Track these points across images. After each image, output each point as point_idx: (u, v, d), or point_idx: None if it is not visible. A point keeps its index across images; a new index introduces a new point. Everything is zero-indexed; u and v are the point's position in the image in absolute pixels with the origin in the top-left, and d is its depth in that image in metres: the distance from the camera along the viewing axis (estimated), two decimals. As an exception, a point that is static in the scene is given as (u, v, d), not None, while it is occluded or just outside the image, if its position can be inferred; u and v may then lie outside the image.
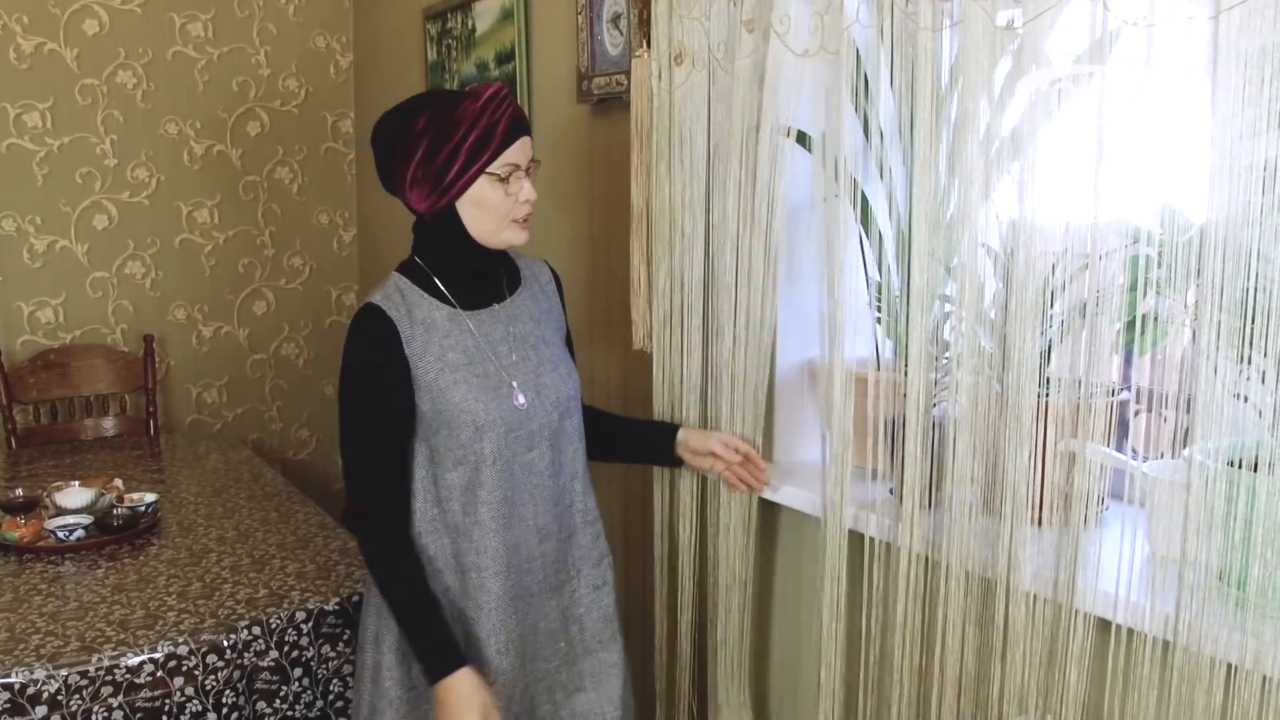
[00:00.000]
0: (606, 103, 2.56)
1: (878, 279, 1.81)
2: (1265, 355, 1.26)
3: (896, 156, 1.75)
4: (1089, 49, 1.42)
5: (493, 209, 1.74)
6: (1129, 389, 1.73)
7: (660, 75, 2.07)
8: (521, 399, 1.79)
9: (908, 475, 1.70)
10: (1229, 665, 1.32)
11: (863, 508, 1.79)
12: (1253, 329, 1.27)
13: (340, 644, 2.19)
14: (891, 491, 1.77)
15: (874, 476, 1.79)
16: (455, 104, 1.71)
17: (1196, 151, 1.31)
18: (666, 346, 2.14)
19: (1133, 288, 1.47)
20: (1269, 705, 1.29)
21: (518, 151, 1.75)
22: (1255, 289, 1.26)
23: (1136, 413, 1.90)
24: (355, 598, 2.21)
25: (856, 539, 1.82)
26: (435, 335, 1.75)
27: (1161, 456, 1.71)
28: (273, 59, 3.98)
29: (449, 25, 3.34)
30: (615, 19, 2.48)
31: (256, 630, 2.10)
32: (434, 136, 1.69)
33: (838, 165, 1.74)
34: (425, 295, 1.78)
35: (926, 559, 1.69)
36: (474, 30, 3.19)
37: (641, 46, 2.17)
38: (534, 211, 1.81)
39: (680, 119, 2.03)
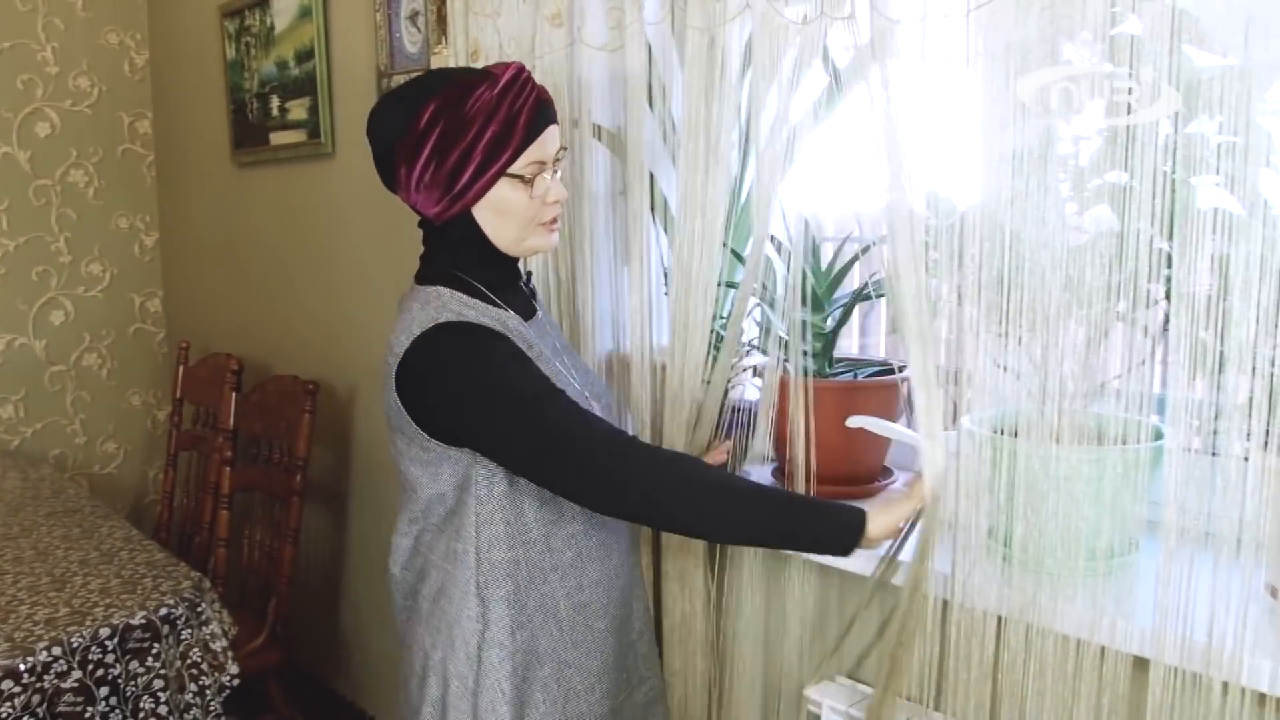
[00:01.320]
0: (407, 100, 2.54)
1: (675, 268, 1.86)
2: (1022, 327, 1.36)
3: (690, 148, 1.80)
4: (868, 44, 1.50)
5: (516, 214, 1.49)
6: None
7: (456, 73, 2.07)
8: (599, 412, 1.57)
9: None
10: (999, 618, 1.42)
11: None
12: (1010, 304, 1.36)
13: (149, 659, 2.12)
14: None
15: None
16: (467, 92, 1.43)
17: (967, 139, 1.40)
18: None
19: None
20: (1033, 653, 1.39)
21: (543, 145, 1.48)
22: (1011, 267, 1.35)
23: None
24: (163, 610, 2.15)
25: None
26: (522, 343, 1.50)
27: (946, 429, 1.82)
28: (61, 55, 3.80)
29: (247, 23, 3.27)
30: (413, 16, 2.47)
31: (57, 650, 2.02)
32: (443, 134, 1.42)
33: (631, 158, 1.79)
34: (489, 307, 1.51)
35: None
36: (273, 28, 3.13)
37: (439, 44, 2.18)
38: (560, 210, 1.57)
39: (478, 116, 2.03)
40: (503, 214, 1.49)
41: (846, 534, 1.40)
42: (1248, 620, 1.21)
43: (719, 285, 1.71)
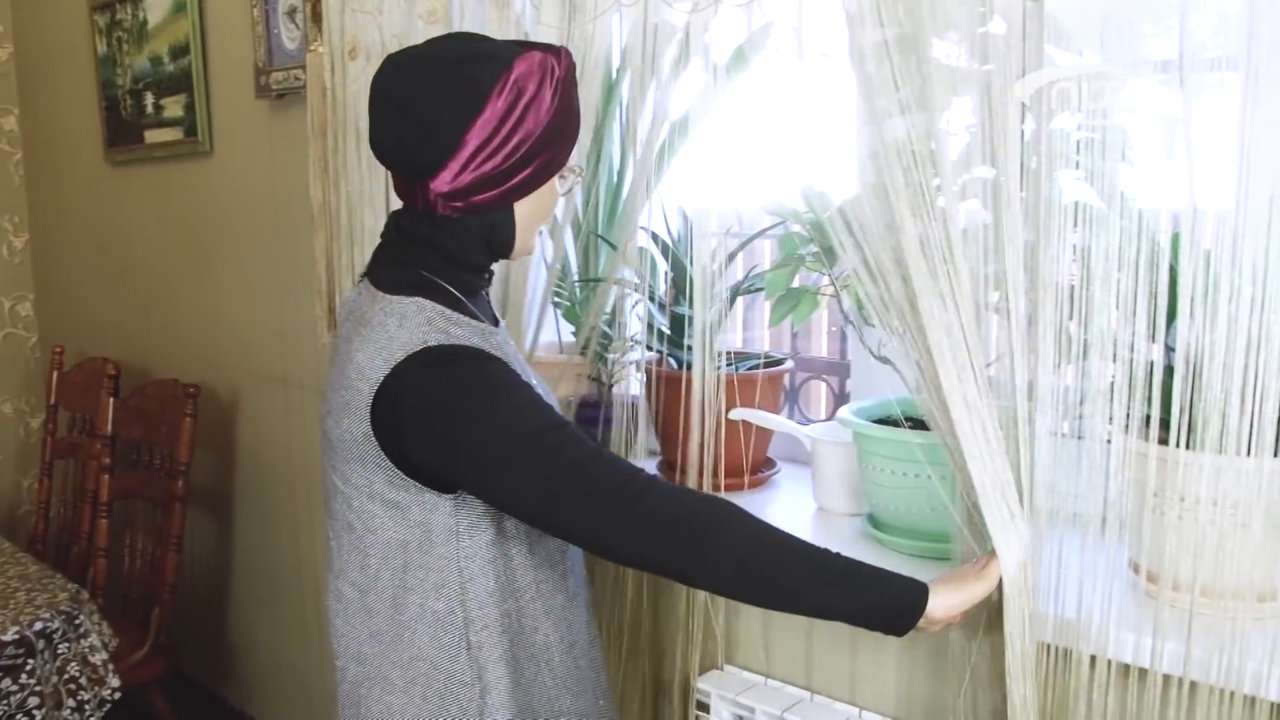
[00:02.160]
0: (286, 98, 2.50)
1: (557, 266, 1.87)
2: (898, 319, 1.39)
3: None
4: (746, 40, 1.52)
5: (547, 210, 1.35)
6: (792, 359, 1.86)
7: (334, 69, 2.05)
8: None
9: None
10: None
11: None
12: (890, 296, 1.39)
13: (23, 675, 2.05)
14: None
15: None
16: (545, 65, 1.24)
17: (842, 135, 1.43)
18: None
19: (785, 264, 1.58)
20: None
21: None
22: (886, 259, 1.39)
23: (804, 381, 2.05)
24: (37, 624, 2.08)
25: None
26: (513, 367, 1.32)
27: (828, 420, 1.86)
28: (-83, 51, 3.65)
29: (119, 17, 3.17)
30: (291, 12, 2.42)
31: (-76, 670, 1.95)
32: (526, 109, 1.22)
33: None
34: (471, 321, 1.30)
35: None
36: (145, 22, 3.04)
37: (316, 40, 2.14)
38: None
39: (355, 114, 2.01)
40: (539, 208, 1.33)
41: (901, 617, 1.24)
42: (1113, 596, 1.26)
43: (598, 281, 1.72)
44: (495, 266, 1.39)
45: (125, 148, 3.27)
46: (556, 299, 1.88)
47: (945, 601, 1.24)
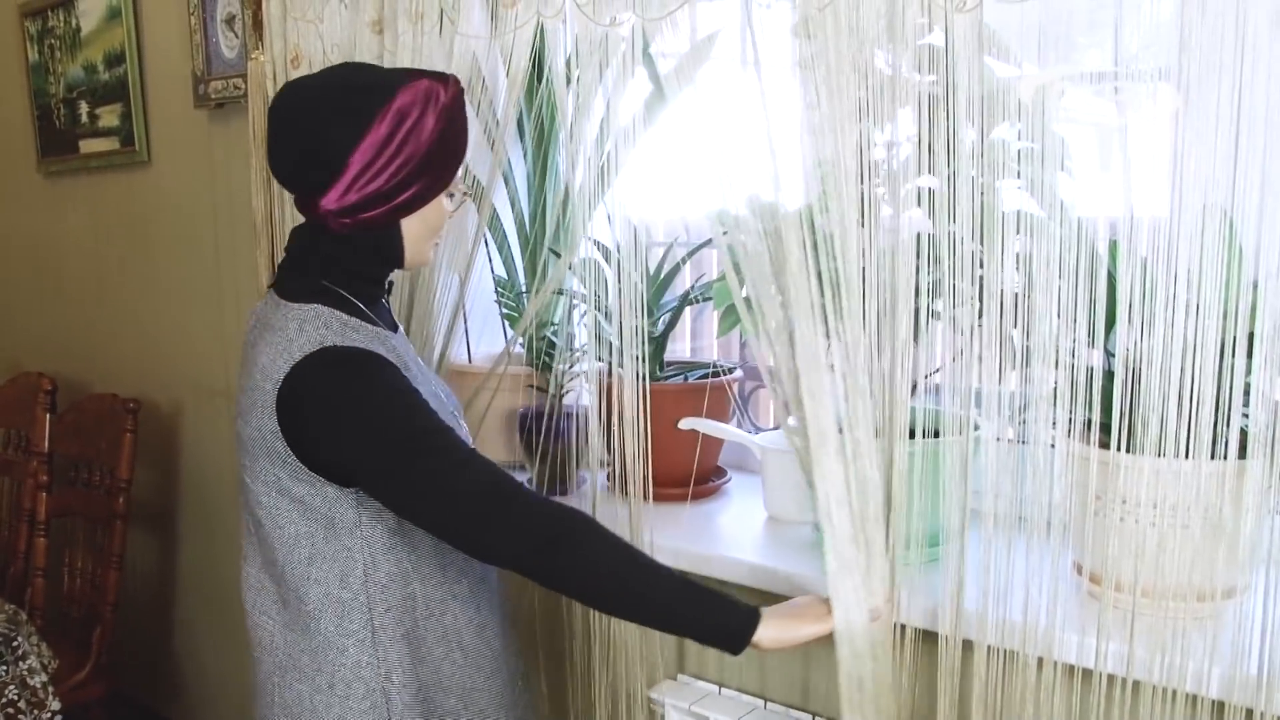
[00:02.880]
0: (225, 107, 2.48)
1: (504, 276, 1.87)
2: (846, 328, 1.40)
3: (518, 154, 1.81)
4: (691, 50, 1.53)
5: (435, 227, 1.43)
6: (741, 368, 1.87)
7: (276, 78, 2.03)
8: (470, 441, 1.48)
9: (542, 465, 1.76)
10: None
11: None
12: (836, 304, 1.40)
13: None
14: (531, 481, 1.83)
15: (518, 468, 1.85)
16: (431, 92, 1.33)
17: (789, 146, 1.44)
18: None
19: (733, 273, 1.58)
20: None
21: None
22: (834, 269, 1.40)
23: (753, 390, 2.06)
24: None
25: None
26: (404, 367, 1.40)
27: (777, 429, 1.87)
28: None
29: (50, 24, 3.12)
30: (230, 20, 2.40)
31: None
32: (408, 134, 1.31)
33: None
34: (368, 325, 1.40)
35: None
36: (79, 30, 2.99)
37: (257, 49, 2.12)
38: None
39: (299, 124, 1.99)
40: (427, 225, 1.41)
41: (731, 639, 1.34)
42: (1058, 598, 1.28)
43: (552, 293, 1.72)
44: (397, 276, 1.48)
45: (59, 158, 3.21)
46: (504, 310, 1.88)
47: (772, 635, 1.33)
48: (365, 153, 1.31)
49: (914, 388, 1.39)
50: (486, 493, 1.32)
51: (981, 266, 1.35)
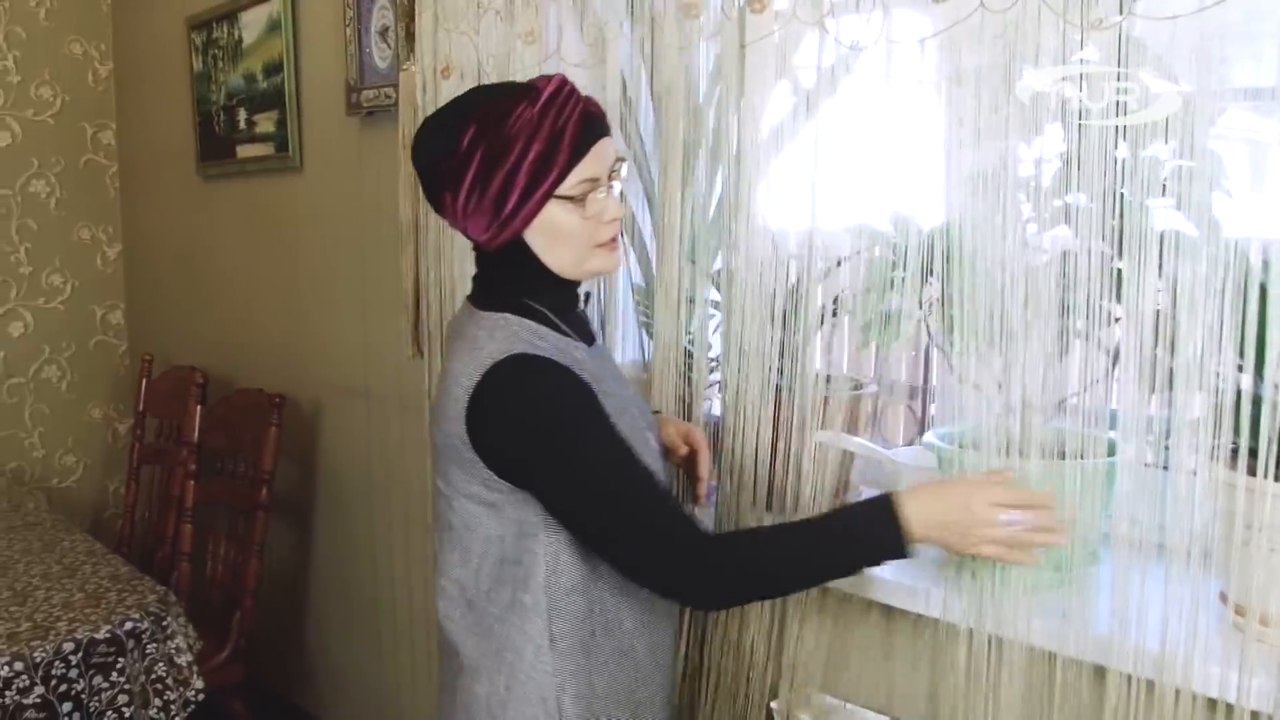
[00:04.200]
0: (376, 115, 2.56)
1: (642, 284, 1.89)
2: (983, 343, 1.39)
3: (657, 166, 1.84)
4: (834, 65, 1.54)
5: (570, 237, 1.39)
6: (877, 383, 1.85)
7: (425, 88, 2.09)
8: (656, 444, 1.51)
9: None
10: (969, 629, 1.45)
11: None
12: (973, 321, 1.39)
13: (114, 673, 2.12)
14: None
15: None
16: (507, 111, 1.34)
17: (931, 160, 1.44)
18: (436, 357, 2.17)
19: (875, 288, 1.58)
20: (1004, 662, 1.42)
21: (594, 161, 1.38)
22: (973, 285, 1.39)
23: (886, 404, 2.04)
24: (128, 624, 2.15)
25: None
26: (593, 380, 1.39)
27: (911, 444, 1.86)
28: (23, 65, 3.78)
29: (215, 35, 3.27)
30: (383, 31, 2.49)
31: (19, 666, 2.01)
32: (485, 157, 1.34)
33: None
34: (557, 336, 1.42)
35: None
36: (241, 41, 3.13)
37: (409, 59, 2.19)
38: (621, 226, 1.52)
39: (447, 132, 2.05)
40: (556, 237, 1.39)
41: (894, 554, 1.33)
42: (1198, 628, 1.25)
43: (689, 302, 1.74)
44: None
45: (217, 162, 3.36)
46: (642, 319, 1.90)
47: (921, 507, 1.32)
48: (452, 178, 1.36)
49: (1059, 407, 1.37)
50: (661, 536, 1.35)
51: (1123, 285, 1.33)
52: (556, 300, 1.44)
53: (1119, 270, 1.28)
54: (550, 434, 1.34)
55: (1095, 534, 1.44)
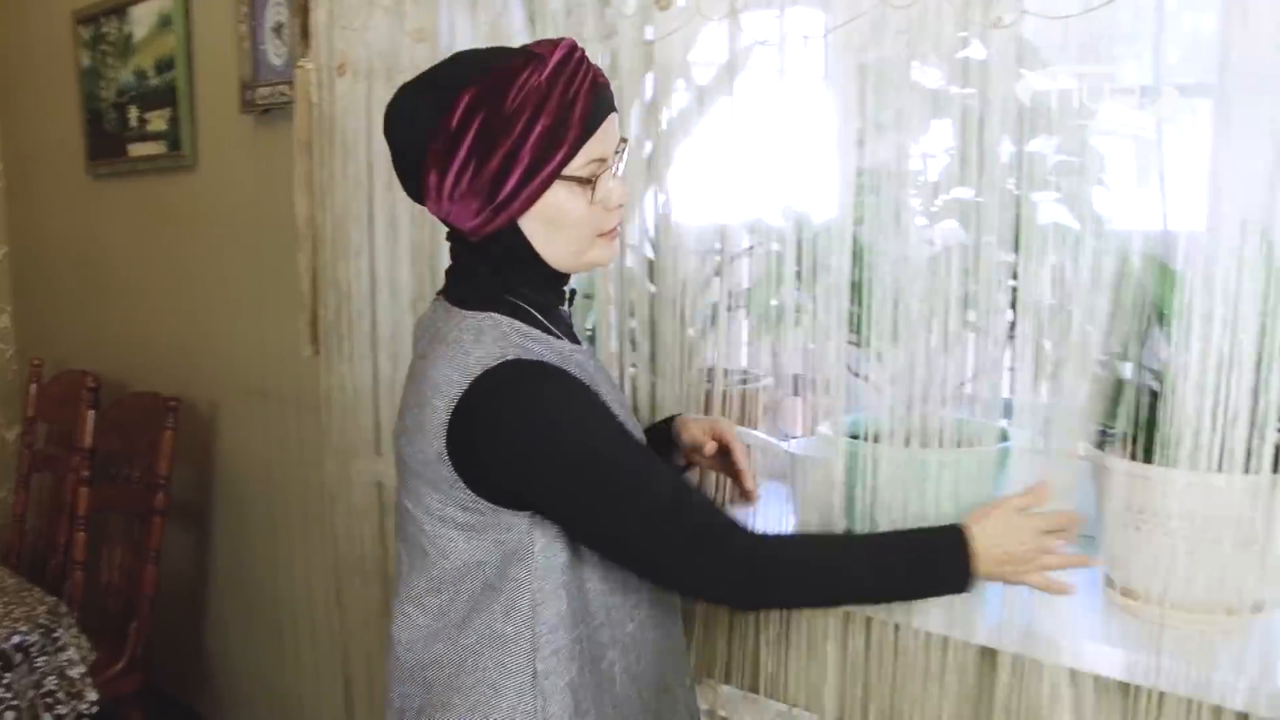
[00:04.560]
0: (271, 113, 2.52)
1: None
2: (879, 337, 1.41)
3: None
4: (726, 63, 1.55)
5: (573, 224, 1.23)
6: (771, 376, 1.87)
7: (322, 86, 2.07)
8: None
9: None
10: (868, 618, 1.48)
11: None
12: (867, 314, 1.41)
13: (0, 689, 2.04)
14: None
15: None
16: (509, 78, 1.16)
17: (829, 155, 1.45)
18: (335, 356, 2.14)
19: (766, 282, 1.60)
20: (900, 649, 1.45)
21: (603, 139, 1.22)
22: (867, 279, 1.41)
23: (783, 397, 2.06)
24: (15, 638, 2.08)
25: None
26: (602, 394, 1.27)
27: (810, 435, 1.88)
28: (-101, 62, 3.64)
29: (104, 30, 3.18)
30: (278, 28, 2.44)
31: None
32: (482, 131, 1.16)
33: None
34: (550, 338, 1.27)
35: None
36: (131, 36, 3.05)
37: (304, 56, 2.16)
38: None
39: (343, 130, 2.03)
40: (557, 224, 1.23)
41: (956, 587, 1.25)
42: (1084, 609, 1.30)
43: (585, 297, 1.74)
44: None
45: (107, 161, 3.27)
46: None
47: (989, 545, 1.24)
48: (440, 155, 1.18)
49: (954, 397, 1.40)
50: (698, 537, 1.22)
51: (1015, 278, 1.36)
52: (544, 297, 1.29)
53: (1008, 263, 1.31)
54: (565, 448, 1.19)
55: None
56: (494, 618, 1.25)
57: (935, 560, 1.25)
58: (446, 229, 1.30)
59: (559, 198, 1.21)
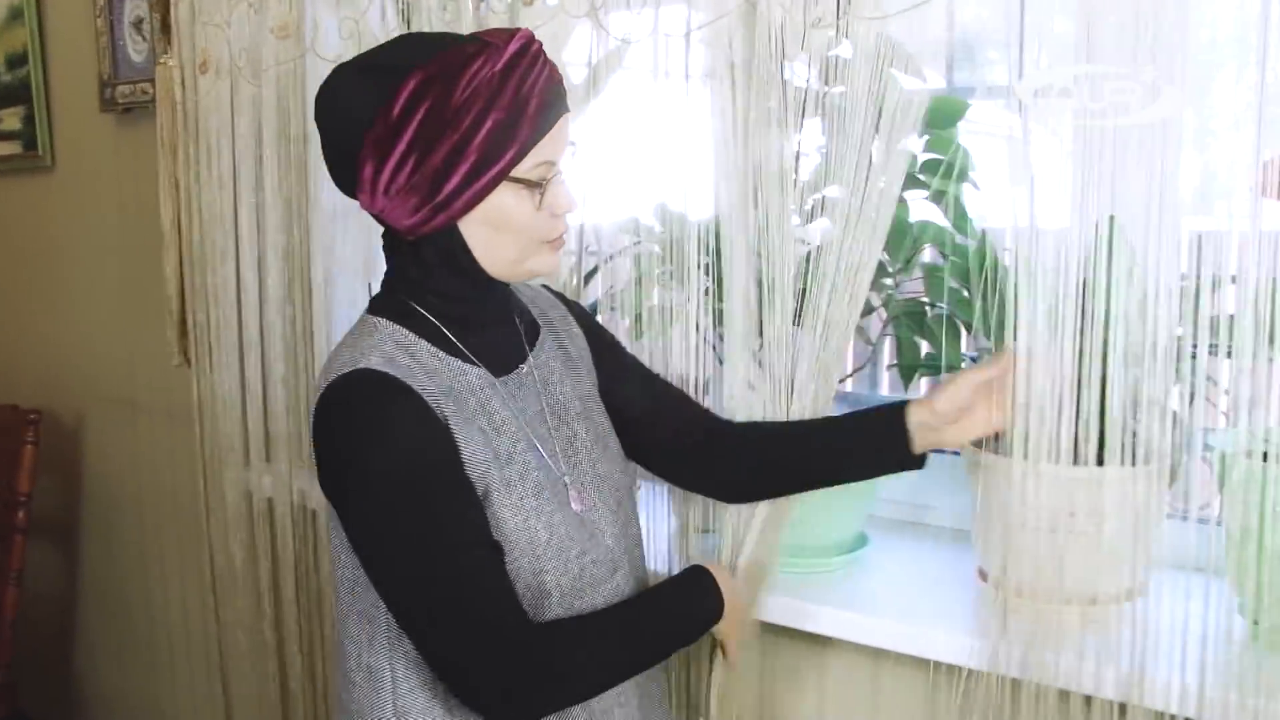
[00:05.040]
0: (134, 112, 2.42)
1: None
2: (759, 337, 1.41)
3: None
4: (595, 62, 1.53)
5: (518, 229, 1.14)
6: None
7: (185, 83, 2.00)
8: (578, 503, 1.22)
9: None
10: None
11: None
12: (749, 315, 1.41)
13: None
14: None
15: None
16: (460, 66, 1.07)
17: (698, 154, 1.44)
18: (207, 364, 2.08)
19: (640, 282, 1.58)
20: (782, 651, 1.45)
21: (555, 141, 1.14)
22: (741, 278, 1.41)
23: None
24: None
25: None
26: (472, 415, 1.14)
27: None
28: None
29: (-51, 24, 3.03)
30: (138, 23, 2.35)
31: None
32: (426, 122, 1.07)
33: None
34: (441, 353, 1.17)
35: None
36: (-20, 30, 2.91)
37: (165, 53, 2.09)
38: None
39: (207, 129, 1.96)
40: (500, 229, 1.14)
41: (703, 617, 1.25)
42: (957, 602, 1.32)
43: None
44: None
45: (-42, 162, 3.12)
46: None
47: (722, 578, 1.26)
48: (378, 144, 1.09)
49: (830, 395, 1.40)
50: (471, 615, 1.09)
51: (889, 276, 1.37)
52: (462, 309, 1.19)
53: (878, 262, 1.32)
54: (366, 477, 1.08)
55: (861, 519, 1.49)
56: (362, 647, 1.18)
57: (695, 618, 1.25)
58: (382, 229, 1.21)
59: (505, 201, 1.12)
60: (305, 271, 1.89)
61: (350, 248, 1.89)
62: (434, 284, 1.17)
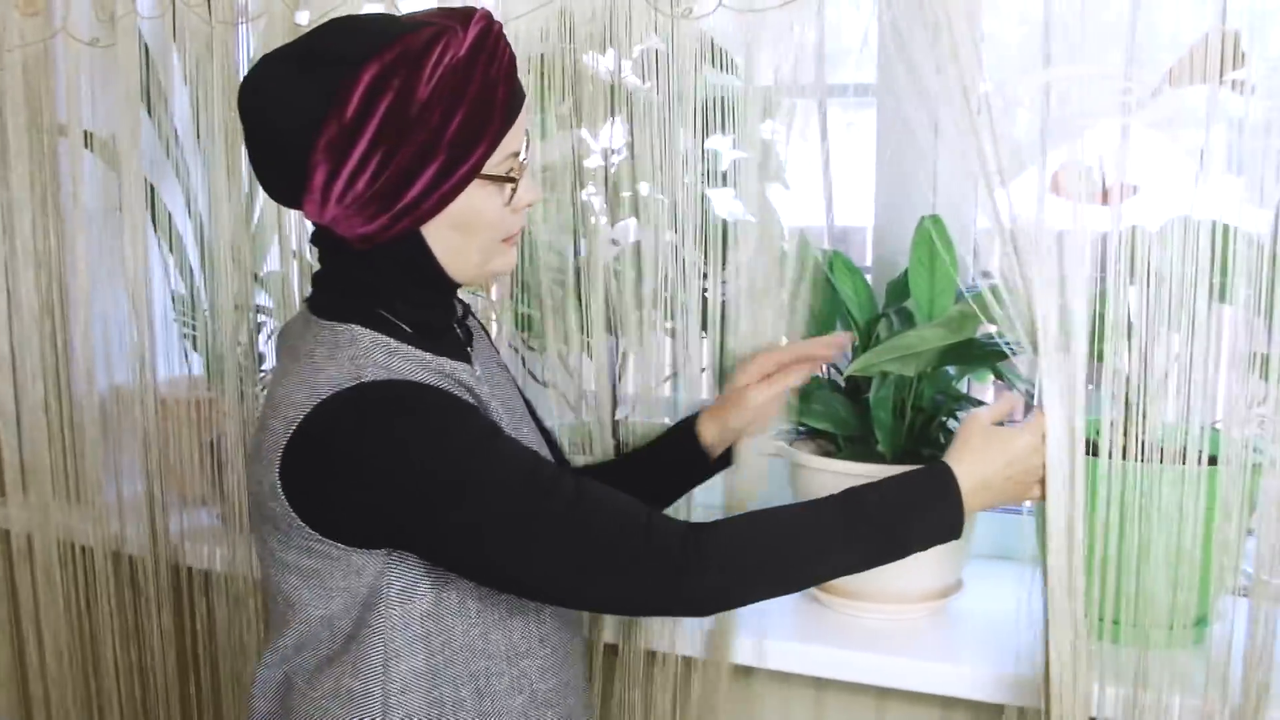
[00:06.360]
0: None
1: (183, 292, 1.71)
2: (559, 341, 1.37)
3: (197, 160, 1.67)
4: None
5: (485, 228, 1.04)
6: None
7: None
8: None
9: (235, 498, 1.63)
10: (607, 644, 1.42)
11: (194, 540, 1.70)
12: (553, 318, 1.36)
13: None
14: (220, 517, 1.69)
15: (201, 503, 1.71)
16: (422, 51, 0.95)
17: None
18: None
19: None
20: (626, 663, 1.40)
21: (519, 131, 1.04)
22: (552, 280, 1.36)
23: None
24: None
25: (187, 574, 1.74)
26: (485, 406, 1.08)
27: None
28: None
29: None
30: None
31: None
32: (388, 119, 0.95)
33: (124, 170, 1.63)
34: (428, 356, 1.05)
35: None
36: None
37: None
38: None
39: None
40: (468, 230, 1.03)
41: (949, 534, 1.06)
42: (788, 610, 1.32)
43: (235, 309, 1.60)
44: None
45: None
46: (185, 331, 1.72)
47: (972, 471, 1.06)
48: (328, 152, 0.96)
49: (647, 400, 1.37)
50: (612, 538, 1.01)
51: (701, 275, 1.35)
52: (425, 314, 1.08)
53: (692, 260, 1.30)
54: (433, 476, 0.98)
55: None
56: (343, 670, 1.06)
57: (924, 506, 1.07)
58: (314, 233, 1.08)
59: (474, 200, 1.02)
60: (64, 279, 1.72)
61: (116, 255, 1.72)
62: (395, 292, 1.06)
